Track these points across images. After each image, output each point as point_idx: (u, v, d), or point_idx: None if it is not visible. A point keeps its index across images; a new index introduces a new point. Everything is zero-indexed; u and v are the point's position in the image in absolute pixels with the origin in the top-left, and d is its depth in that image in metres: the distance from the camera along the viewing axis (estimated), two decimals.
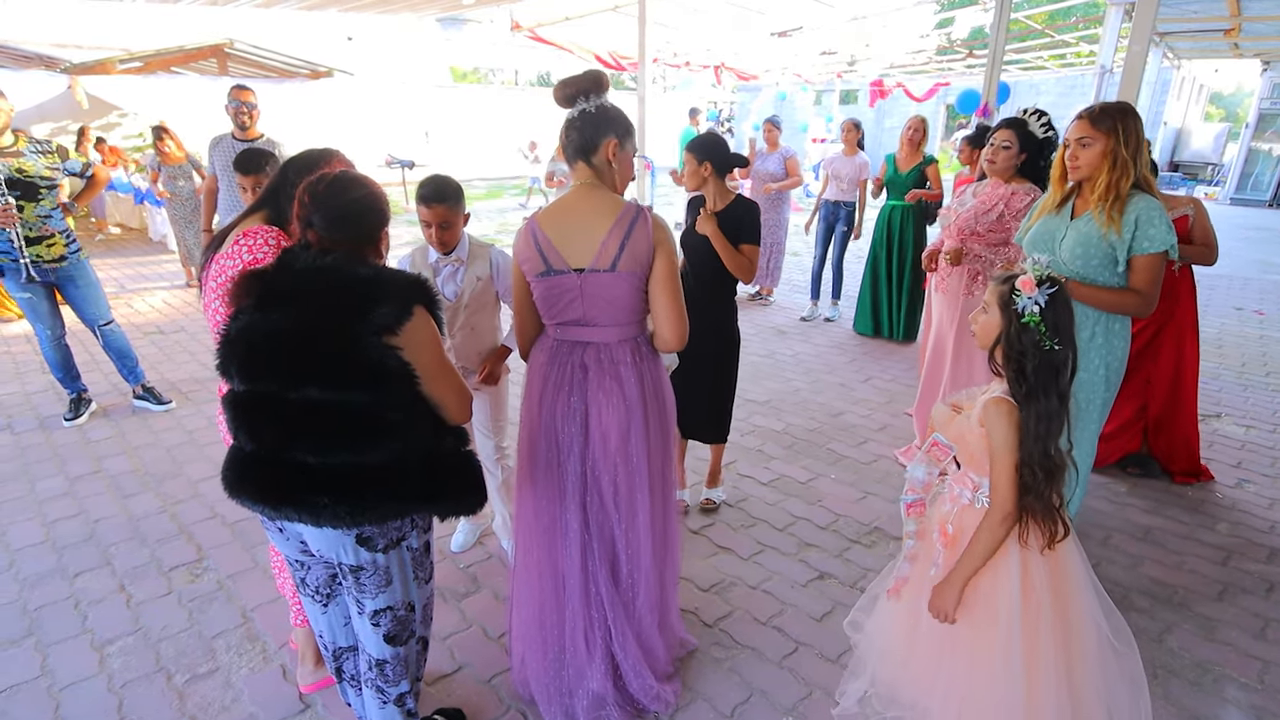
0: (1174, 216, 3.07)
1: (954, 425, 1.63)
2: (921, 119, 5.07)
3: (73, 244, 3.71)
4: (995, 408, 1.50)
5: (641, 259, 1.68)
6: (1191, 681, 2.11)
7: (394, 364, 1.33)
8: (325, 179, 1.43)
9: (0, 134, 3.39)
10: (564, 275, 1.70)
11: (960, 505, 1.64)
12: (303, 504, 1.34)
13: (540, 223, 1.73)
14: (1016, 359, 1.49)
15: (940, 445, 1.63)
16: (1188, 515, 3.01)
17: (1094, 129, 2.12)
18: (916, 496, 1.70)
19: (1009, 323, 1.51)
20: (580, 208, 1.71)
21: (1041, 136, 2.93)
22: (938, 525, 1.67)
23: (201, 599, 2.48)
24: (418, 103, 12.71)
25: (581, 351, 1.76)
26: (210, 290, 1.76)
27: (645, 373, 1.80)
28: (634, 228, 1.67)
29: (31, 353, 5.01)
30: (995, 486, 1.51)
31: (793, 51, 11.86)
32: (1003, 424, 1.49)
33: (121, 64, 9.26)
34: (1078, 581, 1.58)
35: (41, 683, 2.10)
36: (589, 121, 1.69)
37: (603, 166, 1.73)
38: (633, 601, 1.87)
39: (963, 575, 1.55)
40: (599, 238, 1.67)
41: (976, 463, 1.60)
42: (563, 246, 1.69)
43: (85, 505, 3.08)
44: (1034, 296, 1.48)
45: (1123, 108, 2.14)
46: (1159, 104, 14.35)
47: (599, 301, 1.71)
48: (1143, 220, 2.09)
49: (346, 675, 1.70)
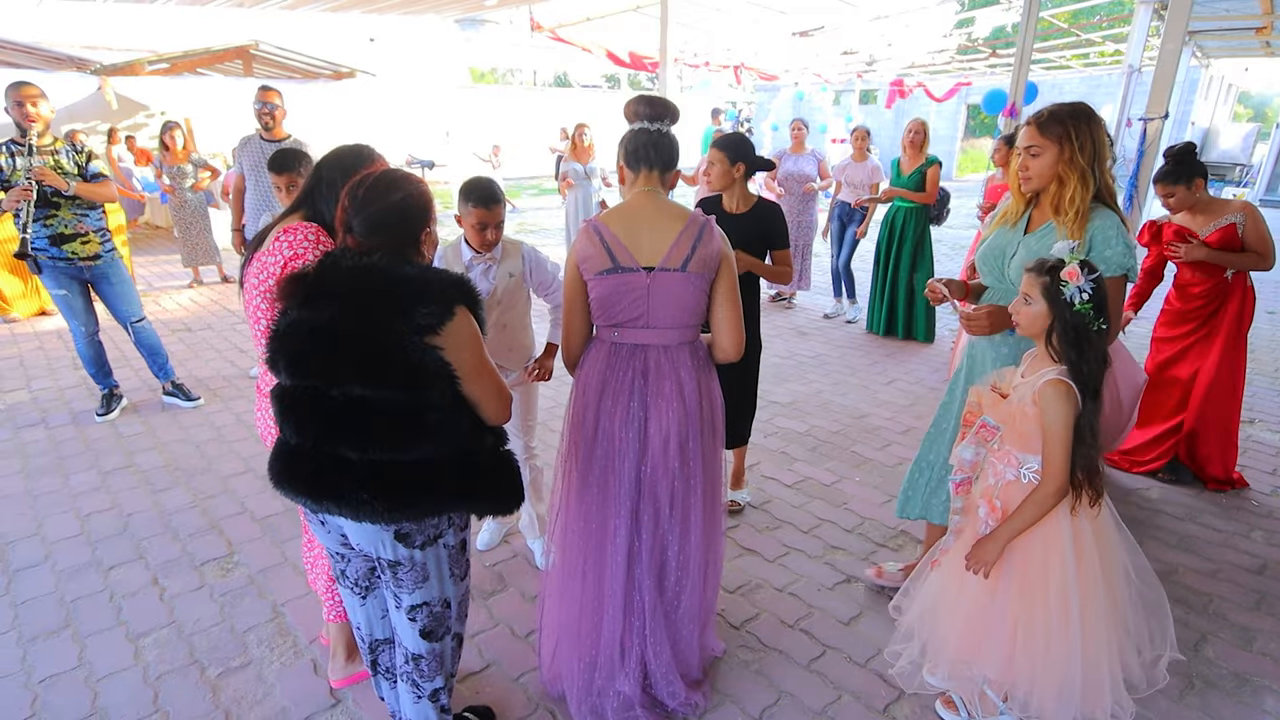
0: (1221, 225, 3.00)
1: (1002, 407, 1.71)
2: (922, 121, 5.14)
3: (107, 243, 3.78)
4: (1054, 389, 1.57)
5: (711, 264, 1.74)
6: (1229, 692, 2.07)
7: (434, 364, 1.34)
8: (365, 182, 1.44)
9: (42, 134, 3.47)
10: (632, 273, 1.72)
11: (1004, 480, 1.71)
12: (343, 499, 1.36)
13: (606, 222, 1.76)
14: (1076, 344, 1.57)
15: (988, 427, 1.71)
16: (1222, 522, 2.96)
17: (1042, 136, 1.87)
18: (964, 476, 1.79)
19: (1061, 312, 1.58)
20: (649, 210, 1.77)
21: None
22: (984, 500, 1.73)
23: (233, 593, 2.51)
24: (438, 103, 12.81)
25: (642, 356, 1.77)
26: (252, 288, 1.78)
27: (702, 379, 1.81)
28: (704, 233, 1.74)
29: (64, 349, 5.10)
30: (1049, 461, 1.59)
31: (813, 51, 11.81)
32: (1061, 404, 1.56)
33: (150, 65, 9.41)
34: (1113, 538, 1.70)
35: (79, 673, 2.14)
36: (673, 144, 1.82)
37: (667, 184, 1.85)
38: (675, 610, 1.87)
39: (1007, 535, 1.65)
40: (670, 239, 1.72)
41: (1024, 441, 1.67)
42: (631, 245, 1.73)
43: (118, 499, 3.13)
44: (1081, 285, 1.55)
45: (1075, 110, 1.88)
46: (1187, 103, 14.10)
47: (665, 301, 1.73)
48: (1098, 240, 1.84)
49: (382, 668, 1.71)
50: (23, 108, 3.40)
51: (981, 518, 1.73)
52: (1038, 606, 1.65)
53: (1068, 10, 10.55)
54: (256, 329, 1.79)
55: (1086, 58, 14.37)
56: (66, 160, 3.57)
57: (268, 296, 1.72)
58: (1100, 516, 1.66)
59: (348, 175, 1.73)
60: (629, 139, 1.80)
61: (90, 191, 3.57)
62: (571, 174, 6.52)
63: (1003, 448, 1.72)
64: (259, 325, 1.78)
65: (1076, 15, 11.15)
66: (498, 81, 24.59)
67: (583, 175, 6.48)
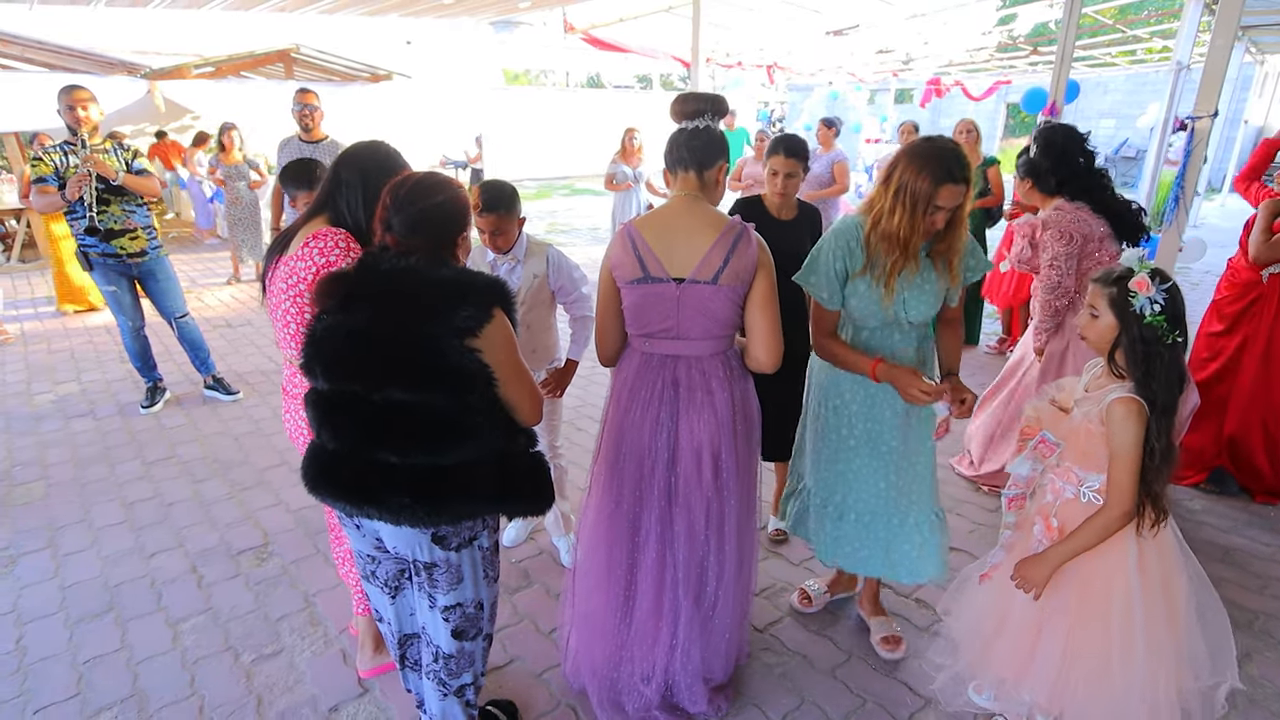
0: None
1: (1064, 424, 1.63)
2: (972, 121, 4.97)
3: (153, 240, 3.91)
4: (1125, 408, 1.49)
5: (744, 275, 1.68)
6: (1273, 712, 2.00)
7: (474, 366, 1.35)
8: (408, 182, 1.45)
9: (91, 135, 3.61)
10: (662, 284, 1.68)
11: (1063, 499, 1.64)
12: (384, 503, 1.36)
13: (640, 229, 1.71)
14: (1144, 360, 1.48)
15: (1047, 443, 1.64)
16: (1270, 536, 2.84)
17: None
18: (1018, 491, 1.73)
19: (1130, 325, 1.49)
20: (684, 218, 1.71)
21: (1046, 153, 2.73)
22: (1040, 517, 1.67)
23: (267, 582, 2.58)
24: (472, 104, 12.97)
25: (673, 367, 1.73)
26: (277, 290, 1.78)
27: (735, 389, 1.77)
28: (738, 243, 1.67)
29: (111, 343, 5.30)
30: (1116, 483, 1.51)
31: (848, 50, 11.65)
32: (1131, 424, 1.48)
33: (196, 69, 9.69)
34: (1175, 558, 1.62)
35: (121, 655, 2.22)
36: (712, 139, 1.72)
37: (710, 183, 1.75)
38: (710, 620, 1.85)
39: (1061, 556, 1.57)
40: (702, 249, 1.66)
41: (1087, 459, 1.60)
42: (663, 254, 1.68)
43: (160, 489, 3.24)
44: (1152, 295, 1.46)
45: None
46: (1239, 101, 13.57)
47: (694, 314, 1.68)
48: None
49: (410, 661, 1.74)
50: (74, 111, 3.55)
51: (1036, 535, 1.66)
52: (1095, 630, 1.57)
53: (1114, 6, 10.23)
54: (286, 332, 1.81)
55: (1133, 54, 13.93)
56: (114, 159, 3.71)
57: (298, 301, 1.74)
58: (1162, 535, 1.58)
59: (367, 175, 1.74)
60: (668, 141, 1.75)
61: (137, 184, 3.72)
62: (619, 176, 6.53)
63: (1063, 464, 1.64)
64: (288, 329, 1.79)
65: (1123, 10, 10.80)
66: (531, 83, 24.77)
67: (631, 178, 6.50)
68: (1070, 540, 1.57)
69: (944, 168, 1.70)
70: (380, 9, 7.94)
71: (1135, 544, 1.55)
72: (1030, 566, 1.60)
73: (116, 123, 8.52)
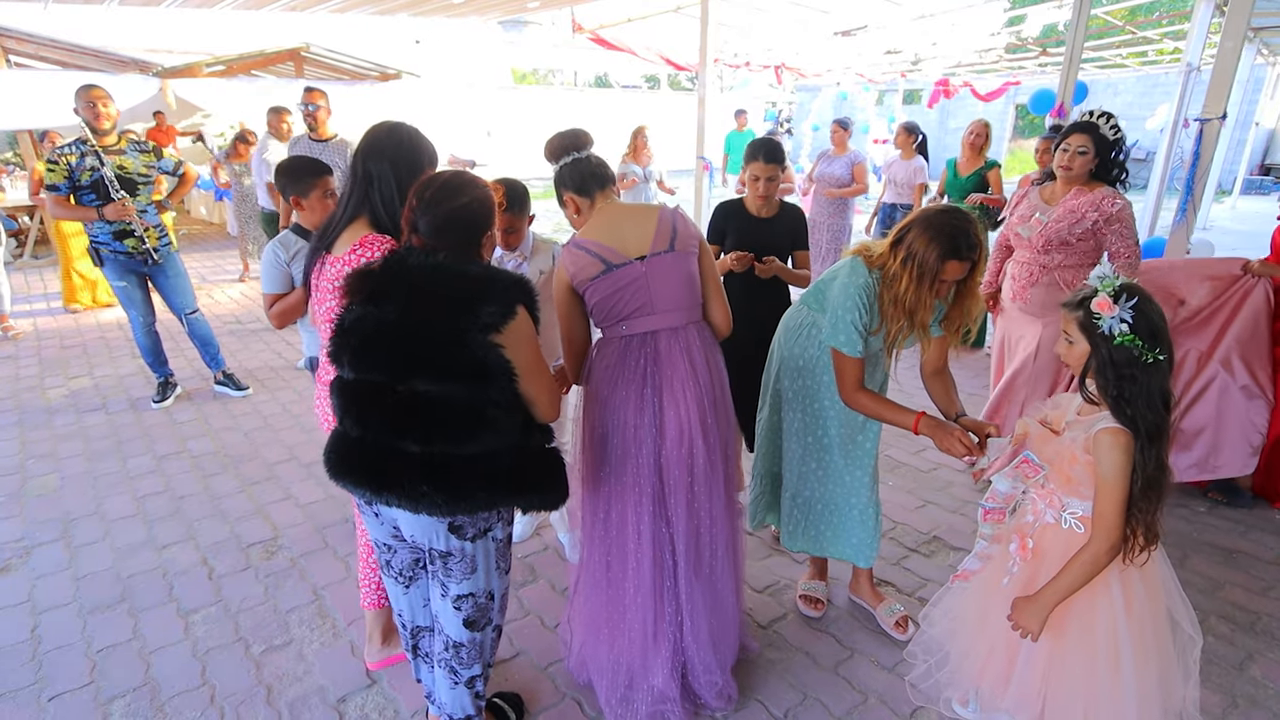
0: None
1: (1051, 446, 1.57)
2: (984, 123, 4.97)
3: (164, 237, 3.95)
4: (1111, 439, 1.42)
5: (692, 240, 1.84)
6: (1275, 713, 2.00)
7: (496, 361, 1.38)
8: (434, 184, 1.48)
9: (106, 135, 3.65)
10: (627, 266, 1.77)
11: (1043, 522, 1.60)
12: (404, 491, 1.39)
13: (584, 236, 1.82)
14: (1115, 384, 1.41)
15: (1030, 464, 1.58)
16: (1275, 540, 2.84)
17: None
18: (996, 505, 1.68)
19: (1099, 347, 1.43)
20: (621, 213, 1.86)
21: (1112, 139, 2.81)
22: (1017, 536, 1.64)
23: (276, 575, 2.61)
24: (480, 103, 13.02)
25: (653, 342, 1.80)
26: (324, 291, 1.81)
27: (710, 357, 1.87)
28: (676, 217, 1.84)
29: (123, 338, 5.36)
30: (1102, 515, 1.44)
31: (856, 51, 11.64)
32: (1117, 455, 1.41)
33: (207, 68, 9.77)
34: (1165, 586, 1.58)
35: (134, 645, 2.26)
36: (602, 162, 1.92)
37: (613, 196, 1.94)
38: (711, 584, 1.89)
39: (1053, 598, 1.50)
40: (651, 228, 1.81)
41: (1070, 485, 1.55)
42: (618, 244, 1.78)
43: (171, 482, 3.28)
44: (1116, 314, 1.39)
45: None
46: (1250, 104, 13.47)
47: (665, 283, 1.78)
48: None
49: (421, 653, 1.77)
50: (94, 108, 3.59)
51: (1011, 553, 1.63)
52: (1078, 658, 1.54)
53: (1124, 7, 10.18)
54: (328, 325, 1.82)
55: (1144, 56, 13.86)
56: (132, 159, 3.74)
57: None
58: (1151, 565, 1.53)
59: (396, 164, 1.76)
60: (570, 173, 1.87)
61: (183, 191, 3.91)
62: (630, 175, 6.55)
63: (1047, 486, 1.60)
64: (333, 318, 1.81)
65: (1134, 12, 10.75)
66: (539, 82, 24.81)
67: (642, 178, 6.52)
68: (1060, 580, 1.50)
69: (952, 244, 1.77)
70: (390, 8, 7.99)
71: (1118, 572, 1.52)
72: (1025, 614, 1.54)
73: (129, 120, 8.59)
